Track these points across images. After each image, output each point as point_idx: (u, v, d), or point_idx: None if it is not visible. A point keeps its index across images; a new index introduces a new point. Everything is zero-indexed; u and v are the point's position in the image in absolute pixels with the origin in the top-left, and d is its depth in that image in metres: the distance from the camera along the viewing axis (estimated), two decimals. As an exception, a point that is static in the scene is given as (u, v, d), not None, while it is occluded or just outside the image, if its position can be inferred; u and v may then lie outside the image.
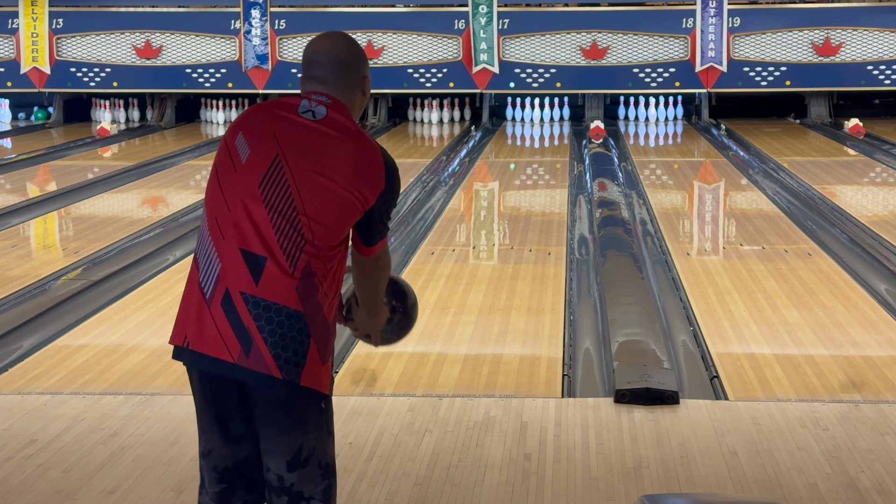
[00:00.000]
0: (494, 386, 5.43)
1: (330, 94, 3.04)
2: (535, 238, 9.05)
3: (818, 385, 5.40)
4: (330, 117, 3.00)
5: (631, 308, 6.67)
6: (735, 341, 6.17)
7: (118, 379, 5.59)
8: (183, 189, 12.10)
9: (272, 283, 2.87)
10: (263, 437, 2.97)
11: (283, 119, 3.00)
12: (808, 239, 8.87)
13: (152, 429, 4.78)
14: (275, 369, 2.86)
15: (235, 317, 2.88)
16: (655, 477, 4.25)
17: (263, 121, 3.02)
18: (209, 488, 3.06)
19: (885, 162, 13.25)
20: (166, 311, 6.88)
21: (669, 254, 8.33)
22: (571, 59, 17.27)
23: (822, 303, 6.90)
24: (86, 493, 4.14)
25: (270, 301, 2.87)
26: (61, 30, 17.93)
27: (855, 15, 16.99)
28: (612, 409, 4.98)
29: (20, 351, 6.13)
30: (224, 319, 2.89)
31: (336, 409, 4.96)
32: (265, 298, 2.87)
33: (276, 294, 2.87)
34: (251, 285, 2.88)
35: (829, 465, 4.34)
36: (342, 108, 3.03)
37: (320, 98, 3.03)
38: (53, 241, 9.70)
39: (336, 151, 2.96)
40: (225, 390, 2.96)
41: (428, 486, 4.18)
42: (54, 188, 12.21)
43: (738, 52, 17.05)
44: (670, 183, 12.42)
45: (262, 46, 17.54)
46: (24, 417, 4.95)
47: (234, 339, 2.87)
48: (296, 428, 2.95)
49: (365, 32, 17.40)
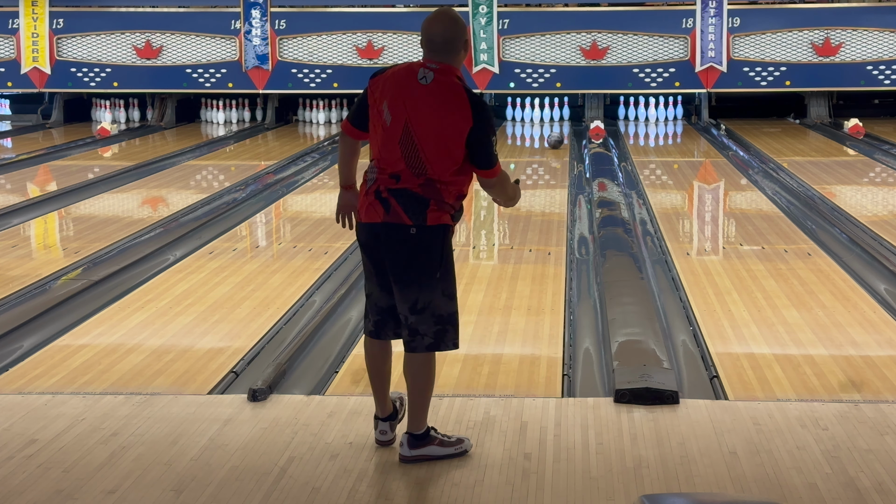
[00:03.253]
0: (494, 386, 5.43)
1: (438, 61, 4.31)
2: (535, 238, 9.06)
3: (818, 385, 5.41)
4: (437, 79, 4.27)
5: (631, 308, 6.68)
6: (735, 341, 6.17)
7: (118, 379, 5.59)
8: (183, 189, 12.11)
9: (406, 182, 4.28)
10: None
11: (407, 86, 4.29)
12: (808, 239, 8.88)
13: (152, 429, 4.79)
14: (406, 219, 4.24)
15: (383, 199, 4.27)
16: (655, 477, 4.25)
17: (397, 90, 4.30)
18: (371, 317, 4.44)
19: (885, 162, 13.25)
20: (166, 311, 6.88)
21: (669, 254, 8.34)
22: (571, 59, 17.28)
23: (822, 303, 6.91)
24: (86, 493, 4.15)
25: (403, 188, 4.27)
26: (62, 30, 17.94)
27: (855, 15, 16.99)
28: (611, 408, 4.98)
29: (20, 351, 6.14)
30: (376, 202, 4.29)
31: (336, 409, 4.98)
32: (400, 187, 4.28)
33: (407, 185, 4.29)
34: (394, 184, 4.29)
35: (828, 464, 4.35)
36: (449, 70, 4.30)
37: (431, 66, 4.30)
38: (54, 241, 9.70)
39: (441, 106, 4.24)
40: (375, 245, 4.33)
41: (428, 486, 4.19)
42: (55, 188, 12.21)
43: (737, 52, 17.05)
44: (670, 183, 12.42)
45: (263, 46, 17.55)
46: (24, 417, 4.95)
47: (381, 208, 4.27)
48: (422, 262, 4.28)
49: (365, 32, 17.41)
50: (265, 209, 10.77)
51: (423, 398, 4.40)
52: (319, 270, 7.74)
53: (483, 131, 4.25)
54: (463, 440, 4.49)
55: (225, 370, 5.70)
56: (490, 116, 4.29)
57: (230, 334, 6.38)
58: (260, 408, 5.01)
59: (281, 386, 5.40)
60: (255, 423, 4.82)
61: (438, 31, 4.29)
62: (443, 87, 4.25)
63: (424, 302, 4.27)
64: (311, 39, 17.63)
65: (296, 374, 5.65)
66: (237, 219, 10.10)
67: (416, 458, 4.38)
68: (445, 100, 4.24)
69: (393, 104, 4.26)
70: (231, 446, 4.58)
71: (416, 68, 4.29)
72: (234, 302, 7.06)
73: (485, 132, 4.26)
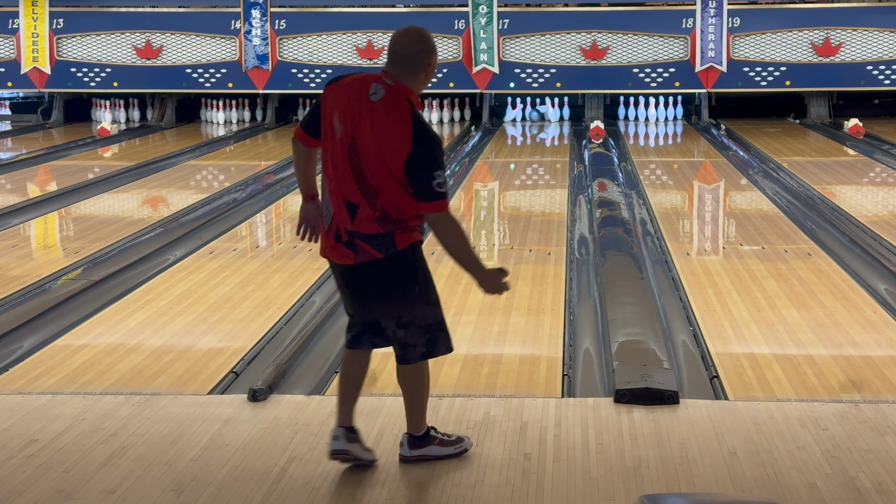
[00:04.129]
0: (494, 386, 5.43)
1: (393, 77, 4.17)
2: (535, 238, 9.05)
3: (818, 385, 5.41)
4: (386, 98, 4.13)
5: (631, 308, 6.67)
6: (735, 341, 6.17)
7: (118, 379, 5.59)
8: (183, 189, 12.11)
9: (361, 219, 4.16)
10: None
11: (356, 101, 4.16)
12: (808, 239, 8.88)
13: (152, 429, 4.79)
14: (377, 254, 4.15)
15: (346, 243, 4.19)
16: (655, 477, 4.25)
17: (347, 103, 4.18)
18: (351, 331, 4.39)
19: (885, 162, 13.25)
20: (166, 311, 6.88)
21: (669, 254, 8.34)
22: (571, 59, 17.28)
23: (822, 303, 6.90)
24: (86, 493, 4.15)
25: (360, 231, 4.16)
26: (62, 30, 17.94)
27: (855, 15, 16.99)
28: (611, 408, 4.98)
29: (21, 351, 6.14)
30: (340, 246, 4.21)
31: (336, 409, 4.97)
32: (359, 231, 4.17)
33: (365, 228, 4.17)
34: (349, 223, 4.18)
35: (828, 464, 4.35)
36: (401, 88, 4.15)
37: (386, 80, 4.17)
38: (54, 241, 9.70)
39: (384, 126, 4.10)
40: (351, 279, 4.27)
41: (428, 486, 4.19)
42: (55, 188, 12.21)
43: (737, 52, 17.05)
44: (670, 183, 12.42)
45: (263, 46, 17.55)
46: (24, 417, 4.95)
47: (349, 252, 4.19)
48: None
49: (365, 32, 17.41)
50: (265, 209, 10.77)
51: (421, 402, 4.40)
52: (319, 270, 7.74)
53: (421, 159, 4.06)
54: (463, 439, 4.49)
55: (225, 370, 5.71)
56: (434, 147, 4.10)
57: (230, 334, 6.38)
58: (260, 408, 5.01)
59: (281, 386, 5.40)
60: (256, 424, 4.82)
61: (403, 43, 4.17)
62: (389, 107, 4.11)
63: (409, 317, 4.23)
64: (311, 39, 17.63)
65: (296, 374, 5.65)
66: (237, 219, 10.10)
67: (417, 458, 4.38)
68: (390, 121, 4.09)
69: (343, 116, 4.15)
70: (231, 446, 4.58)
71: (371, 82, 4.16)
72: (234, 302, 7.06)
73: (423, 161, 4.06)
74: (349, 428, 4.38)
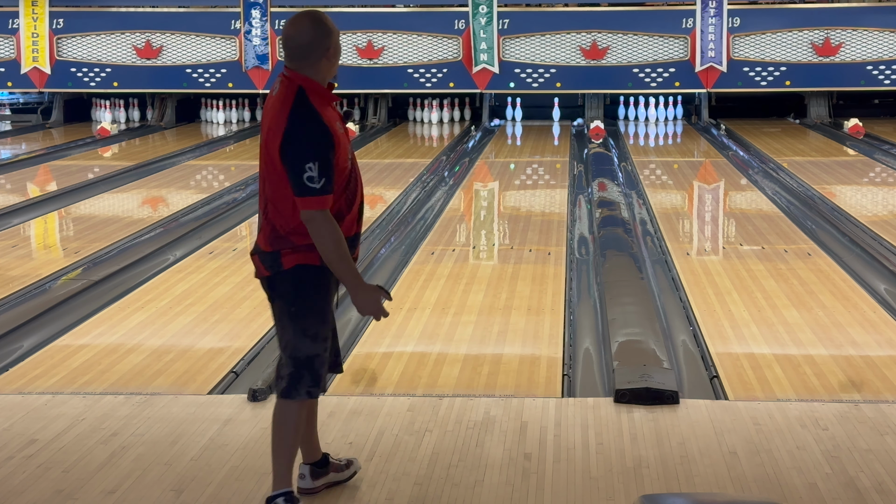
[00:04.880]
0: (494, 386, 5.43)
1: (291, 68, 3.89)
2: (535, 238, 9.05)
3: (818, 385, 5.41)
4: (279, 90, 3.86)
5: (631, 308, 6.68)
6: (735, 341, 6.17)
7: (118, 379, 5.59)
8: (183, 189, 12.10)
9: (260, 233, 3.96)
10: None
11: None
12: (808, 239, 8.88)
13: (152, 429, 4.79)
14: (265, 271, 3.94)
15: (253, 256, 4.01)
16: (655, 477, 4.25)
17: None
18: None
19: (885, 162, 13.25)
20: (166, 311, 6.88)
21: (669, 254, 8.34)
22: (571, 59, 17.28)
23: (822, 303, 6.90)
24: (86, 493, 4.15)
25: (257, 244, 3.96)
26: (62, 30, 17.93)
27: (855, 15, 16.99)
28: (611, 408, 4.98)
29: (20, 351, 6.14)
30: (254, 256, 4.01)
31: (336, 409, 4.97)
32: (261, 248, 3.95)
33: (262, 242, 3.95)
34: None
35: (828, 464, 4.35)
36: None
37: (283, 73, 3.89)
38: (54, 241, 9.70)
39: (271, 117, 3.85)
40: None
41: (428, 486, 4.19)
42: (54, 188, 12.21)
43: (737, 52, 17.05)
44: (670, 183, 12.42)
45: (263, 46, 17.54)
46: (24, 417, 4.95)
47: (260, 264, 3.97)
48: None
49: (365, 32, 17.41)
50: (265, 209, 10.75)
51: (279, 449, 3.91)
52: (319, 270, 7.73)
53: (292, 144, 3.74)
54: (352, 461, 4.25)
55: (225, 370, 5.71)
56: (310, 134, 3.75)
57: (230, 334, 6.38)
58: (260, 408, 5.01)
59: (281, 386, 5.39)
60: (255, 423, 4.82)
61: (292, 34, 3.88)
62: (280, 99, 3.83)
63: (285, 341, 3.91)
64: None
65: (296, 374, 5.64)
66: (237, 219, 10.10)
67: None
68: (276, 112, 3.81)
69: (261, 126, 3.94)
70: (231, 446, 4.58)
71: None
72: (234, 302, 7.06)
73: (295, 148, 3.74)
74: (314, 463, 4.12)
